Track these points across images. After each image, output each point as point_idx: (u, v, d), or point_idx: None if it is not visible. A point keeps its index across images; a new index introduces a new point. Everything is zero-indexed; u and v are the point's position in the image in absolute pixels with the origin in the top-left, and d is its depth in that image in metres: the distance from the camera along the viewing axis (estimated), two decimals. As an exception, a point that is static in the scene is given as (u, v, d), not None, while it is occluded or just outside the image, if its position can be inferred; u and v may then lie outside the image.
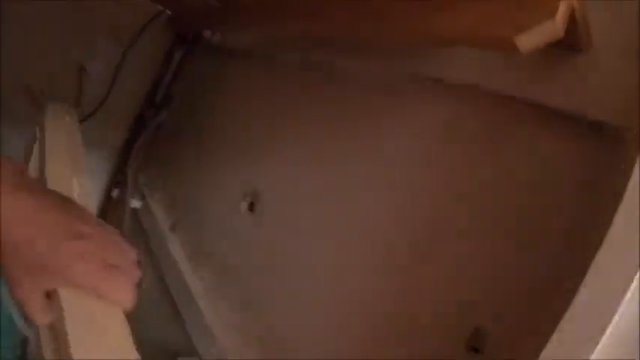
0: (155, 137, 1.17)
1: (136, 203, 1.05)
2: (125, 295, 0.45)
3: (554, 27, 0.31)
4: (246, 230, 0.73)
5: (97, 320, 0.43)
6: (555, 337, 0.31)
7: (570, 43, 0.36)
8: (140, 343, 0.41)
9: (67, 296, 0.42)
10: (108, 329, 0.42)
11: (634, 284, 0.28)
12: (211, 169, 0.88)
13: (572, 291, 0.33)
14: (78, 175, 0.68)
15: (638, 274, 0.28)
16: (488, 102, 0.45)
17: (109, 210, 1.23)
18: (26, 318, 0.44)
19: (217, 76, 1.04)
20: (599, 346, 0.29)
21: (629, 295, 0.29)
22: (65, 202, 0.48)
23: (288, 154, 0.72)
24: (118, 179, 1.24)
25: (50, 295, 0.43)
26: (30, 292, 0.42)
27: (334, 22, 0.52)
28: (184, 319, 0.78)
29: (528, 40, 0.31)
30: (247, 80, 0.92)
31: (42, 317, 0.43)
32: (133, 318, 0.45)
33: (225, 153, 0.86)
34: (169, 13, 1.27)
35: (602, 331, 0.29)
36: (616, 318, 0.29)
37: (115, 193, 1.22)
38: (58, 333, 0.42)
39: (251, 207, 0.72)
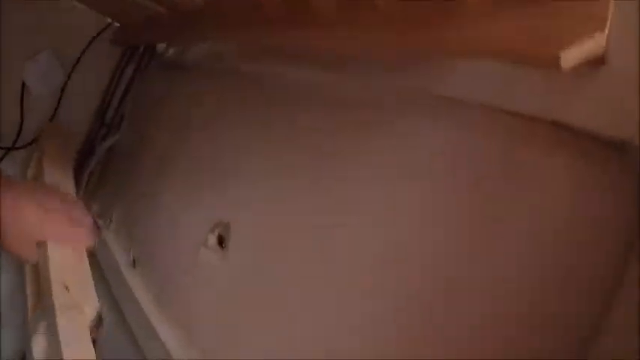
0: (107, 161, 1.07)
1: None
2: (88, 239, 0.75)
3: (601, 40, 0.25)
4: (216, 268, 0.65)
5: (68, 263, 0.69)
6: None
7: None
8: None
9: (52, 251, 0.68)
10: (76, 271, 0.69)
11: None
12: (174, 196, 0.79)
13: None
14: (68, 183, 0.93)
15: None
16: (499, 120, 0.39)
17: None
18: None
19: (174, 93, 0.96)
20: None
21: None
22: (35, 189, 0.76)
23: (262, 181, 0.64)
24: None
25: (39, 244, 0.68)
26: (28, 253, 0.68)
27: (318, 30, 0.45)
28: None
29: (573, 57, 0.25)
30: (210, 97, 0.84)
31: (34, 260, 0.69)
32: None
33: (190, 178, 0.77)
34: (118, 25, 1.18)
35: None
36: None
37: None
38: (41, 269, 0.68)
39: (220, 241, 0.65)
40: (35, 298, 0.71)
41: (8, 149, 1.19)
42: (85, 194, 1.05)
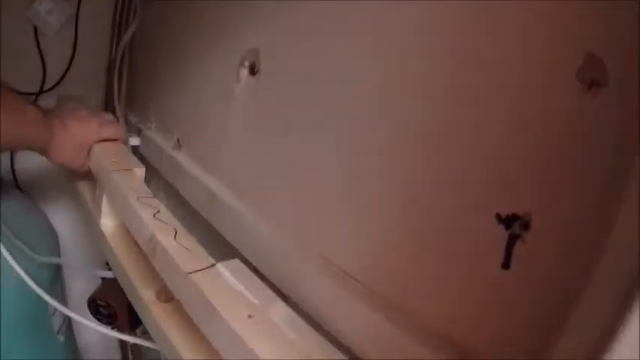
0: (132, 74, 1.05)
1: (134, 141, 0.94)
2: (121, 134, 0.87)
3: None
4: (252, 96, 0.62)
5: (110, 149, 0.81)
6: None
7: None
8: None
9: (95, 147, 0.80)
10: (118, 152, 0.81)
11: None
12: (200, 59, 0.76)
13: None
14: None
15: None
16: None
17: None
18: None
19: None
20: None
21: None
22: (71, 109, 0.86)
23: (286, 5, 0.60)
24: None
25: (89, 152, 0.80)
26: (81, 161, 0.81)
27: None
28: (218, 229, 0.68)
29: None
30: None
31: (86, 167, 0.82)
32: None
33: (210, 28, 0.73)
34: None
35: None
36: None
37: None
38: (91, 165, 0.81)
39: (252, 69, 0.61)
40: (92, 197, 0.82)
41: (37, 94, 1.18)
42: (121, 111, 1.03)
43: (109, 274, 0.80)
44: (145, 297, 0.60)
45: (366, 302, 0.43)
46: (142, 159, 0.86)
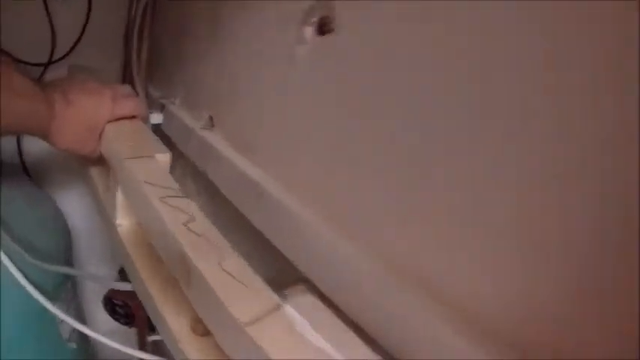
0: (154, 37, 0.89)
1: (155, 119, 0.79)
2: (141, 110, 0.73)
3: None
4: (320, 63, 0.46)
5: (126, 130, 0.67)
6: None
7: None
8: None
9: (109, 128, 0.66)
10: (136, 133, 0.67)
11: None
12: (244, 15, 0.59)
13: None
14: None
15: None
16: None
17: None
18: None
19: None
20: None
21: None
22: (79, 80, 0.70)
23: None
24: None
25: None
26: (91, 145, 0.66)
27: None
28: (265, 233, 0.53)
29: None
30: None
31: (97, 152, 0.67)
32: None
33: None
34: None
35: None
36: None
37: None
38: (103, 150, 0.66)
39: (322, 27, 0.45)
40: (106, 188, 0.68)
41: (45, 65, 1.04)
42: (141, 82, 0.88)
43: (128, 287, 0.65)
44: (175, 326, 0.45)
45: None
46: (165, 139, 0.71)
